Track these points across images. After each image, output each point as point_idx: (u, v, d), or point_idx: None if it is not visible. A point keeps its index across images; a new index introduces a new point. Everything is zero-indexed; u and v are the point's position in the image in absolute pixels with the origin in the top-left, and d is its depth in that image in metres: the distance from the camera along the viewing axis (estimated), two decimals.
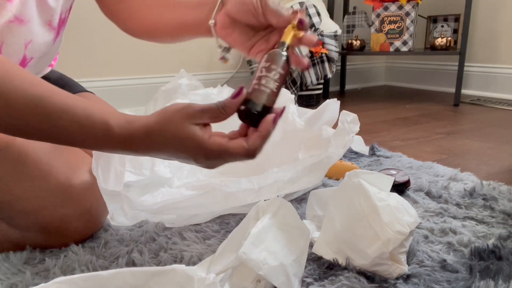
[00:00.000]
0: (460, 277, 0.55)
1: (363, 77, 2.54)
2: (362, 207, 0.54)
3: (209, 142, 0.44)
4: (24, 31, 0.63)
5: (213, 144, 0.44)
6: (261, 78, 0.46)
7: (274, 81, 0.46)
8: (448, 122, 1.52)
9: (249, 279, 0.50)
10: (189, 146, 0.44)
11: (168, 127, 0.44)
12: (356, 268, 0.56)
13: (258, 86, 0.46)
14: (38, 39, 0.67)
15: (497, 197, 0.79)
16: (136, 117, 0.46)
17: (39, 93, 0.43)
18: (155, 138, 0.44)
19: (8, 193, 0.58)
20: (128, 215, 0.71)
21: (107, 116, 0.44)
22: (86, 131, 0.44)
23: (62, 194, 0.61)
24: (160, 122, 0.44)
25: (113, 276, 0.41)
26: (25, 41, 0.65)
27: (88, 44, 1.67)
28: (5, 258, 0.62)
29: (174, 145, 0.44)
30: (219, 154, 0.44)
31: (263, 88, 0.46)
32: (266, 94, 0.46)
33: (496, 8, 1.93)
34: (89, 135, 0.44)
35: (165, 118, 0.44)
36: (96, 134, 0.44)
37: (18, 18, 0.60)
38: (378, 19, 1.95)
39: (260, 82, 0.46)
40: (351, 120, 0.78)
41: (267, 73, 0.47)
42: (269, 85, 0.46)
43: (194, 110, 0.44)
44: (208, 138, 0.44)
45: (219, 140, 0.44)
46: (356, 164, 0.99)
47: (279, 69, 0.47)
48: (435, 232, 0.67)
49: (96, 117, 0.44)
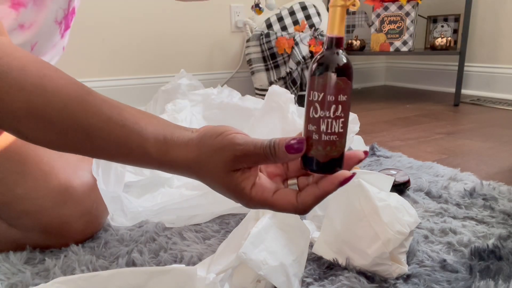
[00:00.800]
0: (460, 277, 0.55)
1: (363, 77, 2.54)
2: (362, 207, 0.54)
3: (251, 194, 0.38)
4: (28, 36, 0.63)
5: (255, 196, 0.38)
6: (319, 121, 0.34)
7: (337, 119, 0.34)
8: (448, 122, 1.52)
9: (249, 279, 0.50)
10: (228, 192, 0.39)
11: (205, 168, 0.39)
12: (356, 268, 0.56)
13: (317, 135, 0.34)
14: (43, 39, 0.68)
15: (497, 197, 0.79)
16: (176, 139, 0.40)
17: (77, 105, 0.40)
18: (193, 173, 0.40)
19: (9, 194, 0.58)
20: (128, 215, 0.71)
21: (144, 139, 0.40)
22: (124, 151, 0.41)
23: (63, 195, 0.61)
24: (197, 160, 0.39)
25: (113, 276, 0.41)
26: (31, 44, 0.65)
27: (88, 44, 1.67)
28: (5, 258, 0.62)
29: (213, 186, 0.40)
30: (262, 206, 0.39)
31: (325, 137, 0.34)
32: (331, 144, 0.35)
33: (496, 8, 1.93)
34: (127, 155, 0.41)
35: (204, 157, 0.39)
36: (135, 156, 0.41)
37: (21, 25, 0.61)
38: (378, 19, 1.95)
39: (319, 129, 0.34)
40: (351, 120, 0.78)
41: (324, 111, 0.34)
42: (333, 130, 0.34)
43: (234, 157, 0.37)
44: (250, 189, 0.38)
45: (262, 194, 0.38)
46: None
47: (340, 97, 0.34)
48: (435, 232, 0.67)
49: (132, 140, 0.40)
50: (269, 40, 1.80)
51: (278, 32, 1.83)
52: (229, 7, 1.96)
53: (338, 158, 0.35)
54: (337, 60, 0.34)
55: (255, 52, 1.83)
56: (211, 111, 1.13)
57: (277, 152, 0.36)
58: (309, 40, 1.79)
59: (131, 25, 1.76)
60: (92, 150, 0.42)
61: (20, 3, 0.58)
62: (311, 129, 0.35)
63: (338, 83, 0.33)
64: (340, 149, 0.35)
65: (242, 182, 0.38)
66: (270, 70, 1.85)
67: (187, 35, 1.88)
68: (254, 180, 0.38)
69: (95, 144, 0.41)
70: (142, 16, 1.77)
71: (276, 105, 0.83)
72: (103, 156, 0.43)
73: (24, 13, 0.60)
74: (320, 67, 0.34)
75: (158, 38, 1.83)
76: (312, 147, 0.35)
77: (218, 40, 1.97)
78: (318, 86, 0.34)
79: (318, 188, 0.36)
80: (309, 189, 0.37)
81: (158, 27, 1.82)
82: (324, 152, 0.35)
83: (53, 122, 0.40)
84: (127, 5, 1.72)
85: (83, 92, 0.41)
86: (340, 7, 0.33)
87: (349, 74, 0.34)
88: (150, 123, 0.41)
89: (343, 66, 0.33)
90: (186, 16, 1.86)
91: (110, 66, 1.75)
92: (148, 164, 0.42)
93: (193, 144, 0.39)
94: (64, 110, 0.40)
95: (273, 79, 1.85)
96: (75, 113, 0.40)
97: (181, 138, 0.40)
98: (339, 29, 0.33)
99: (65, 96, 0.40)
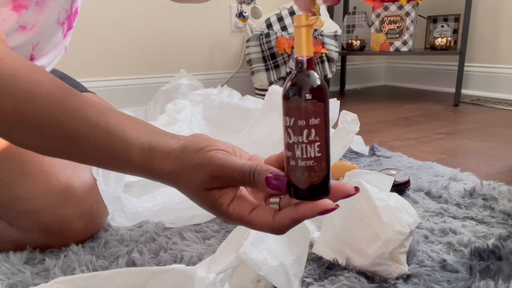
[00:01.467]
0: (460, 277, 0.55)
1: (363, 77, 2.54)
2: (362, 207, 0.54)
3: (228, 211, 0.37)
4: (30, 37, 0.63)
5: (232, 213, 0.37)
6: (294, 147, 0.33)
7: (311, 143, 0.32)
8: (448, 122, 1.52)
9: (249, 279, 0.50)
10: (206, 207, 0.39)
11: (185, 182, 0.38)
12: (356, 268, 0.56)
13: (294, 161, 0.33)
14: (45, 39, 0.68)
15: (497, 197, 0.79)
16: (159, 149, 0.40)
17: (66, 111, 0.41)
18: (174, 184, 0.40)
19: (9, 193, 0.58)
20: (128, 215, 0.71)
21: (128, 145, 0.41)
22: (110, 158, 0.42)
23: (63, 195, 0.61)
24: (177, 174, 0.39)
25: (113, 276, 0.41)
26: (32, 44, 0.65)
27: (88, 44, 1.67)
28: (5, 258, 0.62)
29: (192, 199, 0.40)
30: (239, 223, 0.38)
31: (301, 163, 0.33)
32: (309, 170, 0.33)
33: (496, 8, 1.93)
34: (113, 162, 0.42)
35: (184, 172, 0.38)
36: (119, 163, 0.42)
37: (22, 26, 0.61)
38: (378, 19, 1.95)
39: (295, 155, 0.33)
40: (351, 120, 0.78)
41: (297, 136, 0.32)
42: (308, 155, 0.32)
43: (212, 176, 0.36)
44: (227, 205, 0.37)
45: (239, 212, 0.37)
46: (356, 164, 0.99)
47: (312, 121, 0.32)
48: (435, 232, 0.67)
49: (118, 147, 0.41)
50: (269, 40, 1.80)
51: (278, 32, 1.83)
52: (229, 7, 1.96)
53: (320, 184, 0.33)
54: (306, 83, 0.32)
55: (255, 52, 1.83)
56: (211, 111, 1.13)
57: (256, 182, 0.35)
58: None
59: (131, 25, 1.76)
60: (79, 156, 0.42)
61: (22, 5, 0.58)
62: (288, 155, 0.34)
63: (307, 106, 0.32)
64: (321, 173, 0.33)
65: (220, 199, 0.37)
66: (270, 70, 1.85)
67: (187, 35, 1.88)
68: (233, 196, 0.37)
69: (81, 150, 0.41)
70: (142, 16, 1.77)
71: (276, 105, 0.83)
72: (90, 162, 0.43)
73: (26, 14, 0.60)
74: (289, 91, 0.32)
75: (158, 38, 1.83)
76: (291, 173, 0.34)
77: (218, 40, 1.97)
78: (289, 111, 0.32)
79: (296, 211, 0.34)
80: (287, 210, 0.35)
81: (158, 27, 1.82)
82: (302, 179, 0.33)
83: (42, 128, 0.40)
84: (127, 5, 1.72)
85: (71, 97, 0.42)
86: (305, 27, 0.32)
87: (320, 96, 0.32)
88: (136, 129, 0.41)
89: (312, 88, 0.32)
90: (186, 16, 1.86)
91: (110, 66, 1.75)
92: (131, 171, 0.42)
93: (174, 156, 0.39)
94: (53, 117, 0.40)
95: (273, 79, 1.85)
96: (63, 119, 0.40)
97: (165, 147, 0.40)
98: (307, 49, 0.32)
99: (53, 102, 0.40)
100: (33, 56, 0.67)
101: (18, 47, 0.62)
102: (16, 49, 0.62)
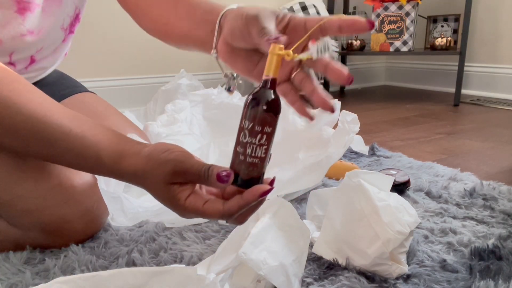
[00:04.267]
0: (460, 277, 0.55)
1: (363, 77, 2.54)
2: (362, 207, 0.54)
3: (185, 204, 0.43)
4: (35, 42, 0.63)
5: (188, 206, 0.43)
6: (246, 145, 0.40)
7: (260, 146, 0.40)
8: (448, 122, 1.52)
9: (249, 279, 0.50)
10: (165, 202, 0.45)
11: (150, 178, 0.44)
12: (356, 268, 0.56)
13: (243, 157, 0.40)
14: (48, 44, 0.68)
15: (497, 197, 0.79)
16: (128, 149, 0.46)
17: (41, 118, 0.46)
18: (139, 182, 0.46)
19: (9, 192, 0.58)
20: (128, 215, 0.71)
21: (100, 149, 0.47)
22: (81, 162, 0.48)
23: (64, 194, 0.61)
24: (144, 170, 0.45)
25: (113, 276, 0.41)
26: (36, 49, 0.65)
27: (89, 44, 1.67)
28: (5, 258, 0.62)
29: (154, 195, 0.46)
30: (194, 214, 0.44)
31: (249, 159, 0.40)
32: (253, 166, 0.41)
33: (496, 8, 1.93)
34: (84, 165, 0.48)
35: (149, 167, 0.44)
36: (91, 165, 0.48)
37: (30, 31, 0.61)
38: (378, 19, 1.95)
39: (245, 152, 0.40)
40: (351, 120, 0.79)
41: (251, 138, 0.39)
42: (256, 154, 0.40)
43: (174, 171, 0.43)
44: (185, 199, 0.43)
45: (194, 205, 0.43)
46: (356, 164, 0.99)
47: (266, 129, 0.39)
48: (435, 232, 0.67)
49: (90, 150, 0.47)
50: None
51: None
52: None
53: (258, 178, 0.42)
54: (268, 98, 0.39)
55: None
56: (211, 111, 1.13)
57: (209, 178, 0.42)
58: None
59: (131, 25, 1.76)
60: (53, 158, 0.49)
61: (26, 8, 0.59)
62: (239, 151, 0.41)
63: (265, 117, 0.39)
64: (260, 170, 0.41)
65: (178, 194, 0.43)
66: None
67: None
68: (190, 192, 0.44)
69: (55, 152, 0.48)
70: None
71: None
72: (63, 163, 0.50)
73: (31, 18, 0.60)
74: (253, 101, 0.39)
75: None
76: (238, 166, 0.41)
77: None
78: (250, 117, 0.39)
79: (242, 199, 0.42)
80: (234, 199, 0.42)
81: None
82: (246, 171, 0.41)
83: (18, 132, 0.46)
84: None
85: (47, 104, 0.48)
86: (277, 55, 0.39)
87: (276, 111, 0.40)
88: (107, 135, 0.48)
89: (272, 103, 0.39)
90: None
91: (110, 66, 1.75)
92: (100, 172, 0.48)
93: (143, 156, 0.45)
94: (29, 121, 0.46)
95: None
96: (39, 124, 0.46)
97: (133, 149, 0.46)
98: (274, 72, 0.40)
99: (30, 109, 0.46)
100: (33, 59, 0.67)
101: (22, 50, 0.62)
102: (20, 51, 0.63)
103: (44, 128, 0.46)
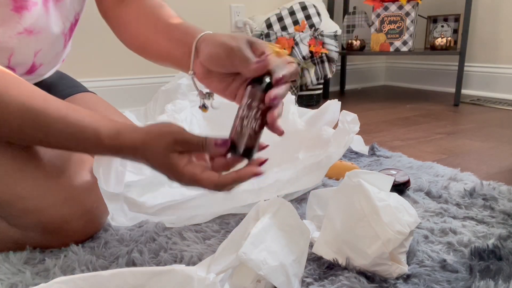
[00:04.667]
0: (460, 277, 0.55)
1: (363, 77, 2.54)
2: (362, 207, 0.54)
3: (183, 171, 0.47)
4: (34, 42, 0.63)
5: (186, 172, 0.47)
6: (243, 118, 0.48)
7: (255, 119, 0.47)
8: (448, 122, 1.52)
9: (249, 279, 0.50)
10: (165, 169, 0.49)
11: (150, 148, 0.48)
12: (356, 268, 0.56)
13: (240, 128, 0.48)
14: (48, 47, 0.68)
15: (497, 197, 0.79)
16: (125, 127, 0.50)
17: (35, 106, 0.49)
18: (139, 154, 0.49)
19: (9, 192, 0.58)
20: (128, 215, 0.71)
21: (98, 126, 0.50)
22: (78, 140, 0.50)
23: (64, 194, 0.61)
24: (144, 141, 0.48)
25: (113, 276, 0.41)
26: (35, 51, 0.65)
27: (89, 44, 1.67)
28: (5, 258, 0.62)
29: (154, 164, 0.49)
30: (190, 182, 0.48)
31: (245, 130, 0.47)
32: (247, 136, 0.47)
33: (496, 8, 1.93)
34: (81, 143, 0.50)
35: (149, 138, 0.48)
36: (88, 143, 0.50)
37: (28, 29, 0.61)
38: (378, 19, 1.95)
39: (242, 124, 0.48)
40: (351, 120, 0.78)
41: (248, 111, 0.48)
42: (250, 125, 0.47)
43: (175, 140, 0.47)
44: (183, 166, 0.47)
45: (192, 171, 0.47)
46: (356, 164, 0.99)
47: (261, 105, 0.47)
48: (435, 232, 0.67)
49: (88, 128, 0.49)
50: (269, 40, 1.80)
51: (278, 32, 1.83)
52: (229, 7, 1.97)
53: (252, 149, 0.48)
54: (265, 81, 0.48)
55: None
56: (211, 111, 1.13)
57: (207, 145, 0.47)
58: (309, 40, 1.79)
59: None
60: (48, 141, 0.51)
61: (23, 6, 0.59)
62: (237, 124, 0.48)
63: (262, 96, 0.47)
64: (254, 142, 0.48)
65: (178, 161, 0.47)
66: None
67: None
68: (187, 161, 0.48)
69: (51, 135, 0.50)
70: None
71: None
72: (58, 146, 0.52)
73: (28, 16, 0.60)
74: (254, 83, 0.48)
75: None
76: (236, 136, 0.48)
77: None
78: (250, 94, 0.48)
79: (237, 174, 0.47)
80: (230, 174, 0.48)
81: None
82: (244, 142, 0.48)
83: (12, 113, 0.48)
84: None
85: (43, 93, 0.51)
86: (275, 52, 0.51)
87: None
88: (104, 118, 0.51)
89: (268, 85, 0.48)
90: (186, 16, 1.86)
91: (110, 66, 1.75)
92: (97, 149, 0.51)
93: (141, 131, 0.49)
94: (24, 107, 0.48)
95: None
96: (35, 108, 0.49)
97: (129, 127, 0.50)
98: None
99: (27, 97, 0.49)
100: (34, 64, 0.67)
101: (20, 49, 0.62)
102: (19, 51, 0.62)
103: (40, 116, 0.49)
